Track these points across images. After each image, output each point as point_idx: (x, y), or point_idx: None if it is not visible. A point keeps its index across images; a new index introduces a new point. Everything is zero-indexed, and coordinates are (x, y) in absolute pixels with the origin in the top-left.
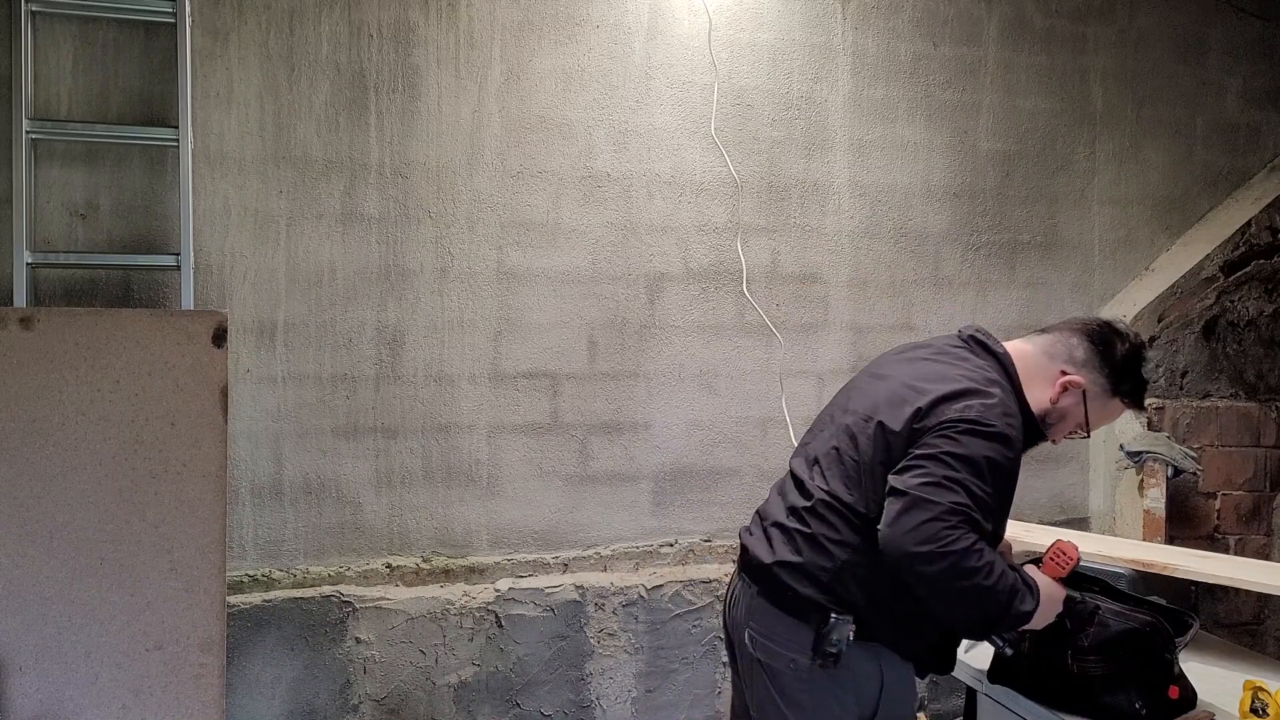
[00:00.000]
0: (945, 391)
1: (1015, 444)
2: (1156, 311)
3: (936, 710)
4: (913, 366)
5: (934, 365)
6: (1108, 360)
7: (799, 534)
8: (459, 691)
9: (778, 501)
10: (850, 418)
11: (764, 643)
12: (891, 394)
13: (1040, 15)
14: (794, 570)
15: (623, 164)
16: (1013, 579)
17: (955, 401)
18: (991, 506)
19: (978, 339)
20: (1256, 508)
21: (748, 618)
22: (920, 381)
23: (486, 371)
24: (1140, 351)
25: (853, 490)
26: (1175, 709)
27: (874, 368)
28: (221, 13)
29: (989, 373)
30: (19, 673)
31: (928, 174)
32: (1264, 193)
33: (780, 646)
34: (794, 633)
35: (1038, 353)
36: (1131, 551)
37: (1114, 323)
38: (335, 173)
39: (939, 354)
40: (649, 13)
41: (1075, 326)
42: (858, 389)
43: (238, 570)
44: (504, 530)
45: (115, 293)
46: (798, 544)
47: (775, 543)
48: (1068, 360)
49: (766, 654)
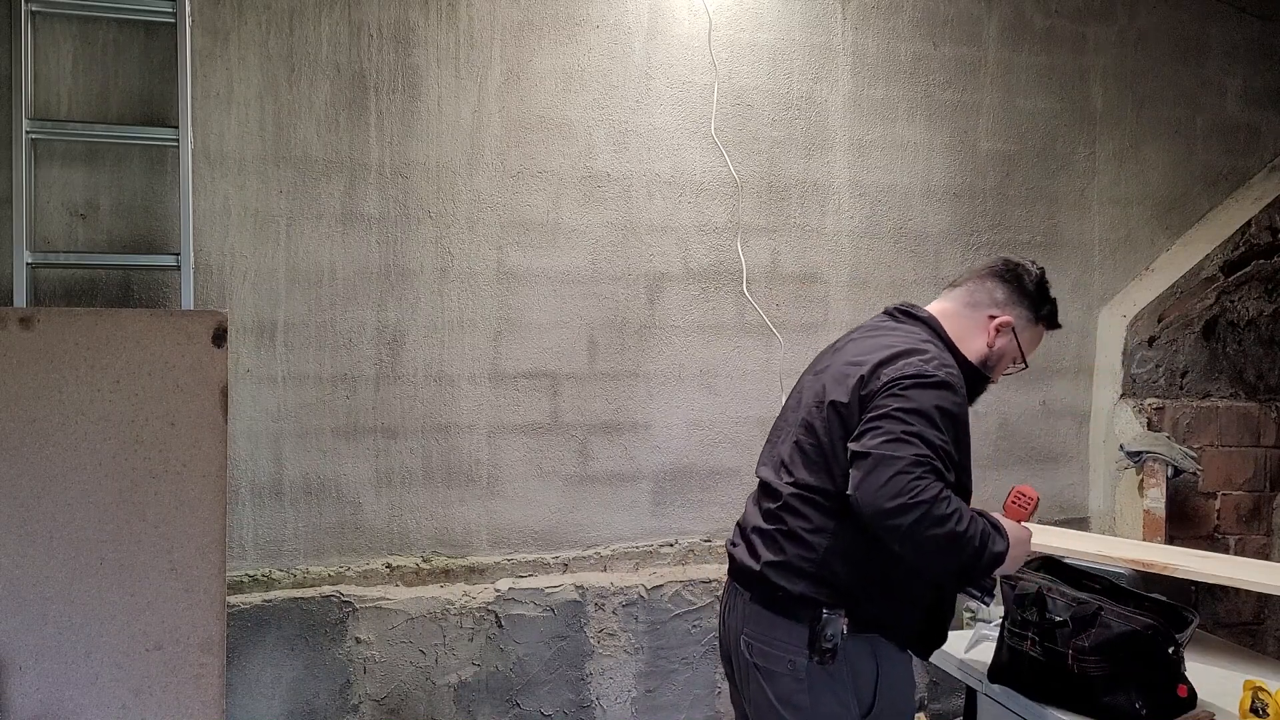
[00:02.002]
0: (882, 356)
1: (959, 390)
2: (1156, 311)
3: (936, 710)
4: (848, 349)
5: (867, 341)
6: (1024, 293)
7: (778, 533)
8: (459, 691)
9: (754, 510)
10: (803, 412)
11: (760, 647)
12: (834, 375)
13: (1040, 15)
14: (781, 569)
15: (623, 164)
16: (982, 524)
17: (894, 362)
18: (951, 454)
19: (902, 310)
20: (1256, 508)
21: (743, 624)
22: (857, 356)
23: (486, 371)
24: (1044, 277)
25: (819, 474)
26: (1176, 709)
27: (813, 366)
28: (221, 13)
29: (919, 334)
30: (19, 673)
31: (928, 174)
32: (1264, 193)
33: (777, 649)
34: (789, 633)
35: (960, 307)
36: (1131, 551)
37: (1012, 258)
38: (335, 173)
39: (870, 332)
40: (649, 13)
41: (984, 273)
42: (805, 388)
43: (238, 570)
44: (504, 530)
45: (115, 293)
46: (779, 543)
47: (758, 547)
48: (991, 305)
49: (763, 658)
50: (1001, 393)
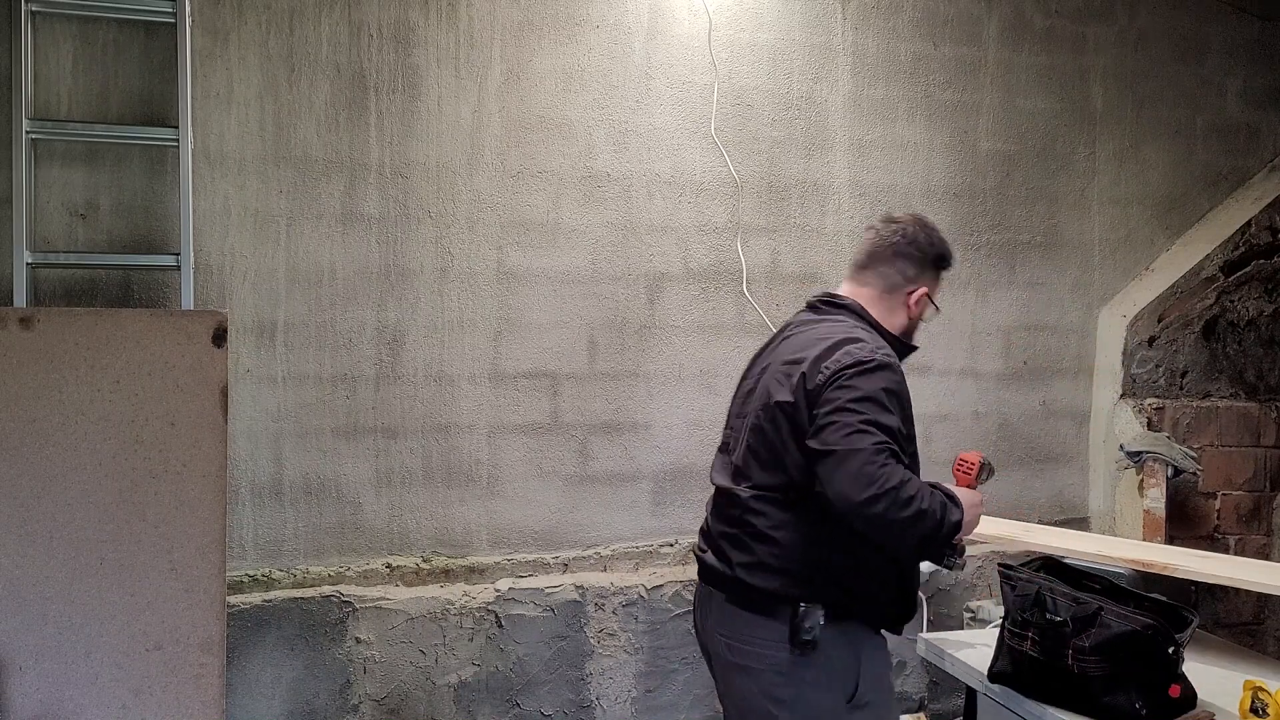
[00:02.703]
0: (819, 350)
1: (897, 368)
2: (1156, 311)
3: (936, 710)
4: (782, 348)
5: (799, 337)
6: (928, 259)
7: (744, 535)
8: (459, 691)
9: (716, 516)
10: (750, 418)
11: (741, 647)
12: (775, 376)
13: (1040, 15)
14: (753, 569)
15: (623, 164)
16: (940, 496)
17: (832, 354)
18: (903, 432)
19: (825, 300)
20: (1256, 508)
21: (719, 626)
22: (794, 354)
23: (486, 371)
24: (932, 232)
25: (773, 473)
26: (1176, 709)
27: (751, 370)
28: (221, 13)
29: (846, 322)
30: (19, 673)
31: (928, 174)
32: (1264, 193)
33: (758, 647)
34: (768, 630)
35: (878, 293)
36: (1131, 551)
37: (907, 227)
38: (335, 173)
39: (799, 328)
40: (649, 13)
41: (889, 254)
42: (746, 392)
43: (238, 570)
44: (504, 530)
45: (115, 293)
46: (746, 544)
47: (727, 551)
48: (905, 283)
49: (744, 657)
50: (1001, 393)
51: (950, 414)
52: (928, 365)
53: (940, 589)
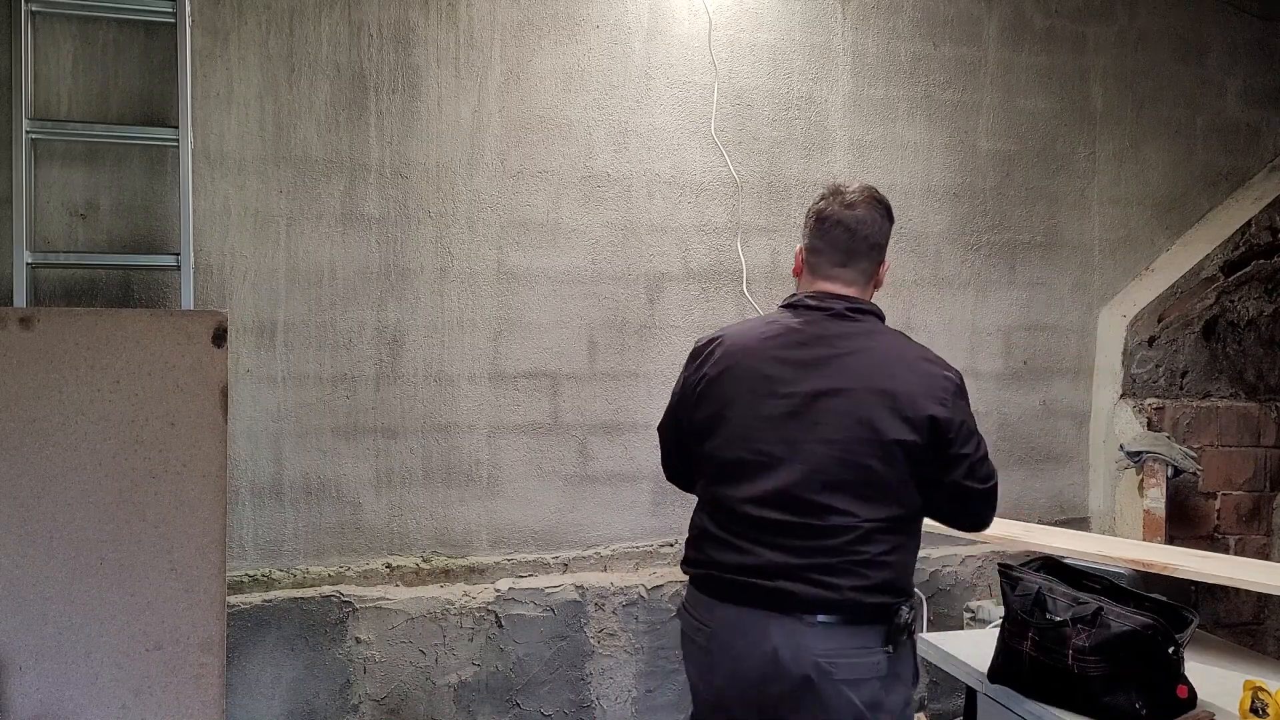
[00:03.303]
0: (920, 382)
1: None
2: (1156, 311)
3: (936, 710)
4: (843, 367)
5: (865, 358)
6: (890, 224)
7: (851, 564)
8: (459, 691)
9: (778, 551)
10: (837, 448)
11: (844, 662)
12: (877, 407)
13: (1040, 15)
14: (868, 591)
15: (623, 164)
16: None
17: (932, 384)
18: None
19: (851, 309)
20: (1256, 508)
21: (815, 645)
22: (880, 383)
23: (486, 371)
24: (884, 201)
25: (882, 506)
26: (1177, 708)
27: (781, 382)
28: (221, 13)
29: (887, 331)
30: (19, 673)
31: (928, 174)
32: (1264, 193)
33: (860, 656)
34: (868, 637)
35: (867, 282)
36: (1131, 551)
37: (867, 216)
38: (335, 173)
39: (844, 340)
40: (649, 13)
41: (864, 250)
42: (795, 411)
43: (238, 570)
44: (504, 530)
45: (115, 293)
46: (857, 571)
47: (830, 579)
48: (876, 267)
49: (850, 670)
50: (1001, 393)
51: None
52: None
53: (940, 589)
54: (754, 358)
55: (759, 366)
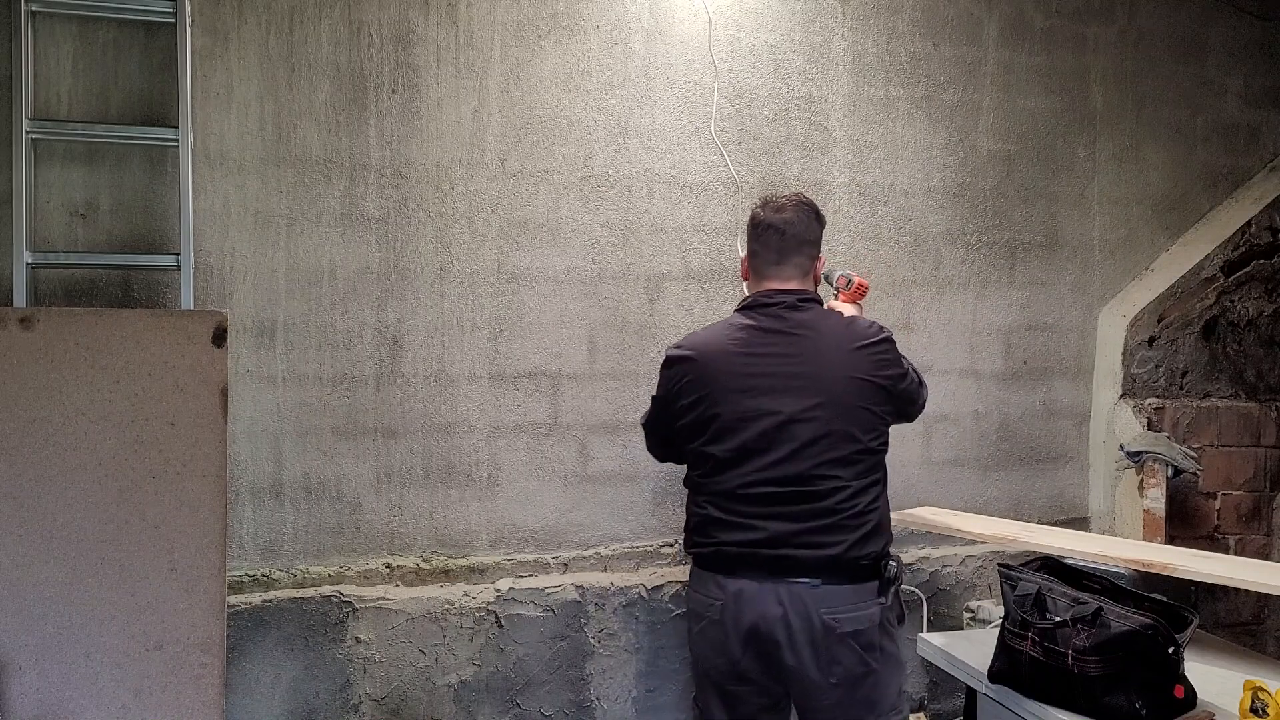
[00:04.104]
0: (860, 337)
1: None
2: (1156, 311)
3: (936, 710)
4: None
5: (824, 336)
6: (819, 229)
7: (841, 521)
8: (459, 691)
9: (779, 520)
10: (817, 420)
11: (848, 615)
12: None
13: (1040, 15)
14: (858, 544)
15: (623, 164)
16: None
17: (864, 334)
18: None
19: (803, 299)
20: (1256, 508)
21: (817, 605)
22: (845, 344)
23: (486, 371)
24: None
25: (865, 459)
26: (1177, 709)
27: (762, 376)
28: (221, 13)
29: (824, 310)
30: (19, 673)
31: (928, 174)
32: (1264, 193)
33: (860, 610)
34: (865, 592)
35: (806, 277)
36: (1131, 551)
37: (794, 216)
38: (335, 173)
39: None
40: (649, 13)
41: (795, 245)
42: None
43: (238, 570)
44: (504, 530)
45: (115, 293)
46: (847, 526)
47: (826, 539)
48: (812, 261)
49: (852, 623)
50: (1001, 393)
51: (950, 414)
52: (928, 365)
53: (940, 589)
54: (727, 358)
55: (734, 365)
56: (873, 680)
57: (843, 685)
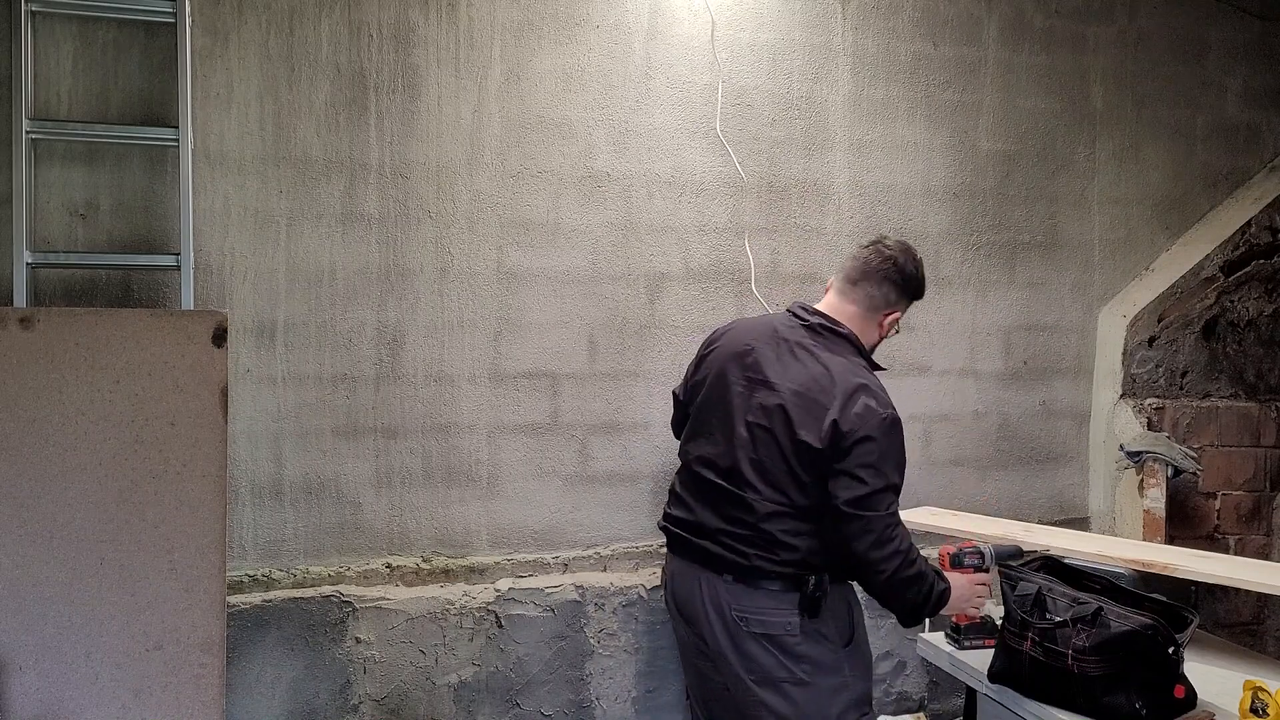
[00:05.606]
0: (841, 400)
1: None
2: (1156, 311)
3: (936, 710)
4: (787, 369)
5: (805, 367)
6: (910, 288)
7: (760, 539)
8: (459, 691)
9: (710, 510)
10: (758, 432)
11: (756, 617)
12: (794, 403)
13: (1040, 15)
14: (773, 562)
15: (623, 164)
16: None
17: (852, 404)
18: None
19: (824, 325)
20: (1256, 508)
21: (730, 601)
22: (806, 387)
23: (486, 371)
24: (918, 267)
25: (793, 492)
26: (1177, 709)
27: (743, 366)
28: (221, 13)
29: (847, 357)
30: (19, 673)
31: (928, 174)
32: (1264, 193)
33: (772, 615)
34: (780, 601)
35: (863, 311)
36: (1131, 551)
37: (899, 257)
38: (335, 173)
39: (803, 350)
40: (649, 13)
41: (877, 277)
42: (741, 391)
43: (238, 570)
44: (504, 530)
45: (115, 293)
46: (763, 544)
47: (740, 547)
48: (885, 306)
49: (762, 625)
50: (1001, 393)
51: (950, 414)
52: (928, 365)
53: None
54: (737, 343)
55: (738, 350)
56: (807, 693)
57: (767, 687)
